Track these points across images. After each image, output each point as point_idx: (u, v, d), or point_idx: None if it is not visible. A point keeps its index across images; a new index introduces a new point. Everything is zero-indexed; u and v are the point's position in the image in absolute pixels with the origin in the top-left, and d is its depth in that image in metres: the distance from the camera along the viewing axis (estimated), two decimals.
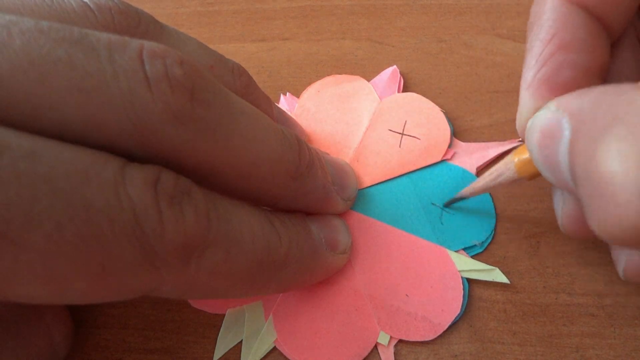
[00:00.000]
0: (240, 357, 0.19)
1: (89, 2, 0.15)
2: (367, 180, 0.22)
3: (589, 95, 0.13)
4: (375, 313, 0.19)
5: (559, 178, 0.14)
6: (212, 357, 0.19)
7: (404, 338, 0.19)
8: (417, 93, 0.24)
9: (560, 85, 0.15)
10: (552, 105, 0.14)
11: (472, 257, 0.20)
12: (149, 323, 0.20)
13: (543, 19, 0.16)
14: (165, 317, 0.20)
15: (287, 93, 0.25)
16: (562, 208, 0.17)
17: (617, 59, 0.17)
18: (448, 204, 0.21)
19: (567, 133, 0.13)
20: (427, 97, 0.24)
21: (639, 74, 0.17)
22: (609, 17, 0.16)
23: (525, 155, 0.16)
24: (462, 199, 0.20)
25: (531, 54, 0.16)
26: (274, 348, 0.19)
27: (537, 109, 0.15)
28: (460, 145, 0.23)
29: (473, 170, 0.22)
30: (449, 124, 0.23)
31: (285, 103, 0.25)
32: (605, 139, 0.11)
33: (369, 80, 0.25)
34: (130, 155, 0.13)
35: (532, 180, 0.17)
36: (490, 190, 0.19)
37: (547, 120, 0.14)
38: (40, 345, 0.17)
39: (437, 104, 0.24)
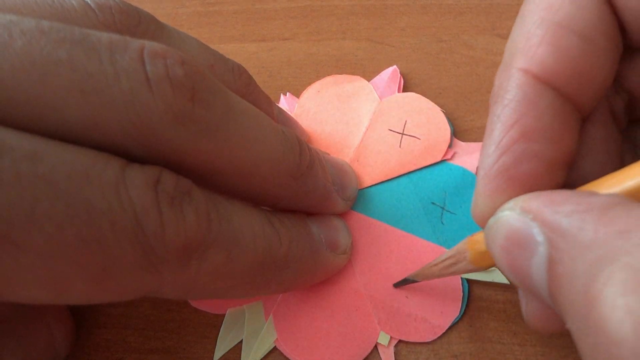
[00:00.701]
0: (240, 357, 0.19)
1: (89, 1, 0.15)
2: (367, 180, 0.22)
3: (565, 206, 0.11)
4: (376, 313, 0.19)
5: (527, 289, 0.12)
6: (212, 357, 0.19)
7: (404, 339, 0.19)
8: (417, 93, 0.24)
9: (520, 177, 0.14)
10: (517, 207, 0.12)
11: None
12: (150, 323, 0.20)
13: (506, 98, 0.14)
14: (166, 317, 0.20)
15: (287, 93, 0.25)
16: (526, 306, 0.15)
17: (586, 137, 0.15)
18: (397, 285, 0.20)
19: (542, 249, 0.11)
20: (427, 97, 0.24)
21: (608, 155, 0.16)
22: (580, 96, 0.14)
23: (483, 247, 0.15)
24: (413, 281, 0.19)
25: (491, 137, 0.14)
26: (274, 348, 0.19)
27: (495, 203, 0.14)
28: (460, 145, 0.23)
29: (473, 170, 0.22)
30: (449, 124, 0.23)
31: (285, 103, 0.25)
32: (607, 282, 0.09)
33: (369, 80, 0.25)
34: (130, 156, 0.13)
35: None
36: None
37: (514, 225, 0.12)
38: (41, 345, 0.17)
39: (437, 104, 0.24)
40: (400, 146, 0.23)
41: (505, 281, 0.19)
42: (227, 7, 0.30)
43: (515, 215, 0.12)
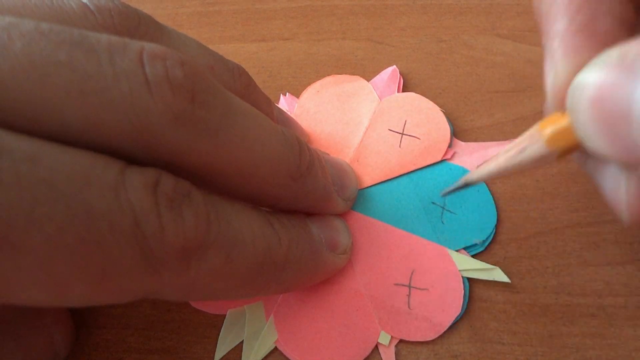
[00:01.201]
0: (241, 357, 0.19)
1: (88, 3, 0.15)
2: (367, 180, 0.22)
3: None
4: (376, 313, 0.19)
5: (627, 145, 0.11)
6: (212, 358, 0.19)
7: (404, 338, 0.19)
8: (417, 93, 0.24)
9: (601, 35, 0.12)
10: (613, 53, 0.11)
11: (473, 256, 0.20)
12: (150, 323, 0.20)
13: None
14: (166, 318, 0.20)
15: (287, 93, 0.25)
16: (627, 189, 0.13)
17: None
18: (447, 193, 0.18)
19: None
20: (427, 97, 0.24)
21: None
22: None
23: (560, 124, 0.13)
24: (467, 186, 0.17)
25: (556, 5, 0.13)
26: (275, 348, 0.19)
27: (578, 66, 0.12)
28: (460, 145, 0.23)
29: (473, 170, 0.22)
30: (449, 124, 0.23)
31: (285, 103, 0.25)
32: None
33: (369, 80, 0.25)
34: (130, 158, 0.13)
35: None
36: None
37: (607, 72, 0.11)
38: (41, 346, 0.17)
39: (437, 104, 0.24)
40: (400, 146, 0.23)
41: (506, 280, 0.19)
42: (227, 7, 0.30)
43: (610, 61, 0.11)
